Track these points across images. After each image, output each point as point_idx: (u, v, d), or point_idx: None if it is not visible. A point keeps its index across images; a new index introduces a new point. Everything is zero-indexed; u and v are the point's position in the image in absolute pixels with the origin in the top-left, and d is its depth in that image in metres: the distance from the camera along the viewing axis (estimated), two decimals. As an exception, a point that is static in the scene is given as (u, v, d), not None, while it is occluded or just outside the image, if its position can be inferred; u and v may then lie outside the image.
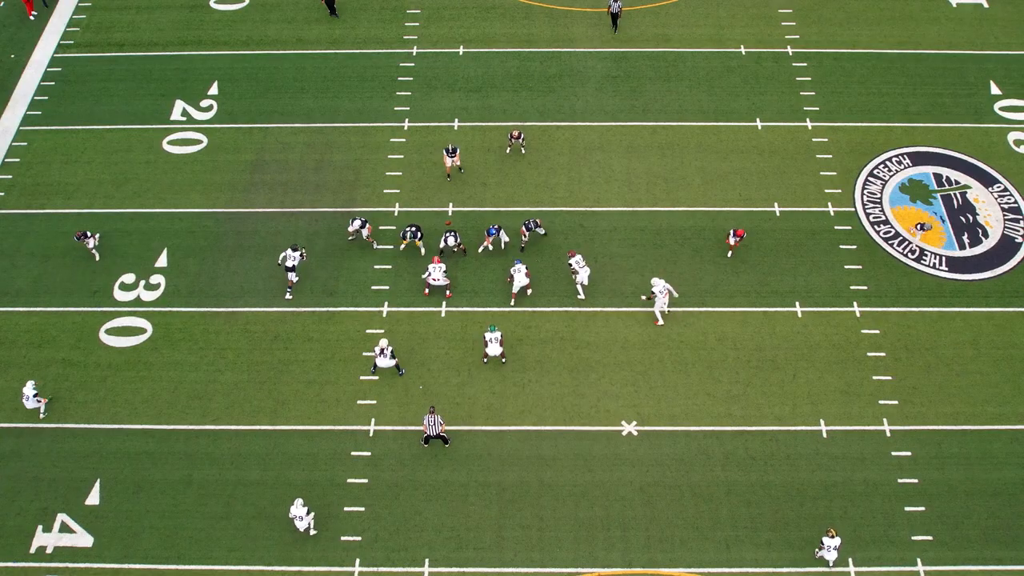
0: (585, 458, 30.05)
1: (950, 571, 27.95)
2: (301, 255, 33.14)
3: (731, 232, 33.97)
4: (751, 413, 30.93)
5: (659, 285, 32.12)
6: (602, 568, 28.00)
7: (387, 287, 34.00)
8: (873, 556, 28.19)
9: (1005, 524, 28.82)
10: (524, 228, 34.16)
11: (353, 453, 30.24)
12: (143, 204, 36.74)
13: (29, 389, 30.56)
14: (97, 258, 34.56)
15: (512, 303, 33.17)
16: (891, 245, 34.99)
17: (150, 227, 36.01)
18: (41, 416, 30.81)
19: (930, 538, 28.56)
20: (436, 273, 32.78)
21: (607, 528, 28.69)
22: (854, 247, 34.94)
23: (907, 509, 29.07)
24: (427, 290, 33.49)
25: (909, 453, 30.15)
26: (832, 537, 27.14)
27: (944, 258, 34.68)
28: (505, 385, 31.60)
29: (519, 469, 29.84)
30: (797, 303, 33.49)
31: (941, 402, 31.20)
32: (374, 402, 31.26)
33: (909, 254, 34.73)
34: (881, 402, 31.18)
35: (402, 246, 34.75)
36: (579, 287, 33.07)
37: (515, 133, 36.84)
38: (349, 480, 29.70)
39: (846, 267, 34.38)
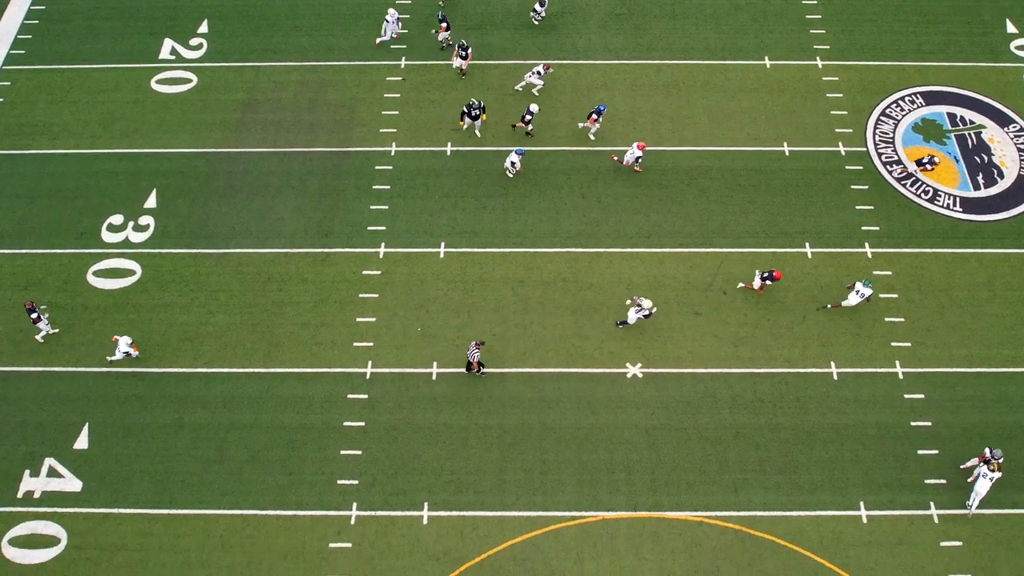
0: (589, 400, 29.16)
1: (961, 515, 27.20)
2: None
3: (759, 274, 30.63)
4: (759, 355, 30.01)
5: (640, 309, 29.84)
6: (606, 512, 27.21)
7: (384, 228, 32.89)
8: (885, 500, 27.41)
9: (1020, 467, 28.02)
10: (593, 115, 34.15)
11: (349, 396, 29.33)
12: (131, 144, 35.48)
13: (124, 344, 29.12)
14: (45, 332, 30.47)
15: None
16: (904, 185, 33.90)
17: (138, 168, 34.80)
18: (112, 358, 29.66)
19: (943, 481, 27.77)
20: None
21: (611, 471, 27.86)
22: (865, 187, 33.86)
23: (920, 452, 28.27)
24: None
25: (922, 396, 29.29)
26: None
27: (958, 198, 33.61)
28: (506, 327, 30.62)
29: (521, 412, 28.95)
30: (807, 244, 32.45)
31: (955, 344, 30.28)
32: (371, 344, 30.30)
33: (922, 194, 33.66)
34: (893, 344, 30.27)
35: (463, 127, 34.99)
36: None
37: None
38: (345, 423, 28.81)
39: (857, 207, 33.31)
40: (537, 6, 38.00)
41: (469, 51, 36.11)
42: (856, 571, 26.25)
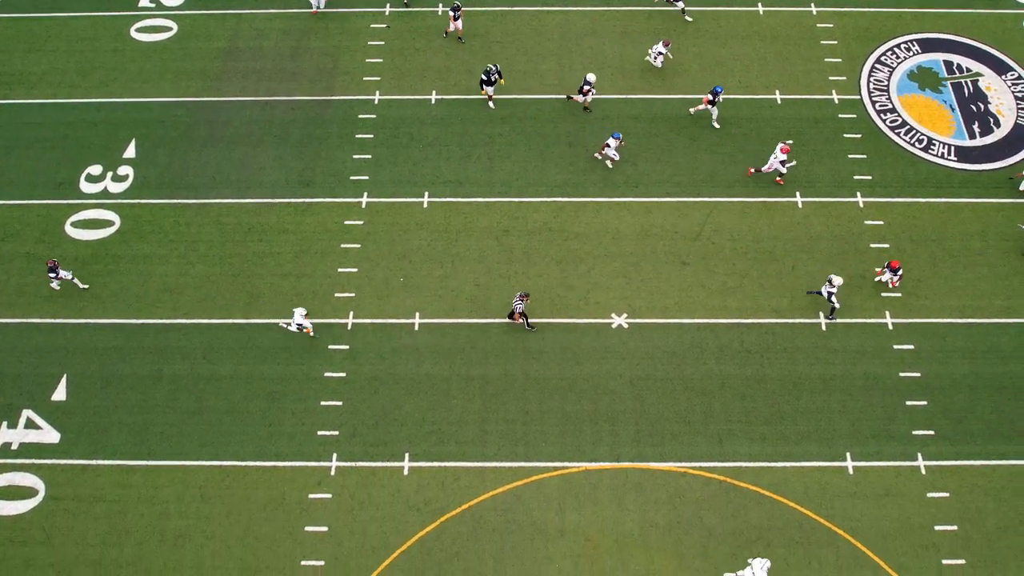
0: (573, 351, 28.73)
1: (951, 466, 26.85)
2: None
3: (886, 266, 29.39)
4: (747, 305, 29.52)
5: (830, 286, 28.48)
6: (589, 462, 26.88)
7: (366, 177, 32.28)
8: (872, 451, 27.05)
9: (1009, 418, 27.63)
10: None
11: (330, 346, 28.90)
12: (110, 93, 34.79)
13: (299, 315, 28.22)
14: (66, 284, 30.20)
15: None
16: (898, 134, 33.19)
17: (117, 117, 34.13)
18: (287, 328, 28.70)
19: (931, 433, 27.40)
20: None
21: (595, 422, 27.50)
22: (859, 136, 33.16)
23: (908, 403, 27.85)
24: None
25: (912, 346, 28.83)
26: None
27: (953, 147, 32.91)
28: (490, 277, 30.11)
29: (504, 362, 28.54)
30: (798, 193, 31.83)
31: (946, 294, 29.77)
32: (352, 294, 29.82)
33: (916, 143, 32.96)
34: (884, 294, 29.74)
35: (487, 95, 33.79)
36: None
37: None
38: (326, 374, 28.41)
39: (850, 156, 32.64)
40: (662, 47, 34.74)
41: (461, 11, 34.97)
42: (841, 522, 25.96)
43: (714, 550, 25.56)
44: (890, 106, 33.83)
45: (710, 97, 32.26)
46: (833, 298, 28.49)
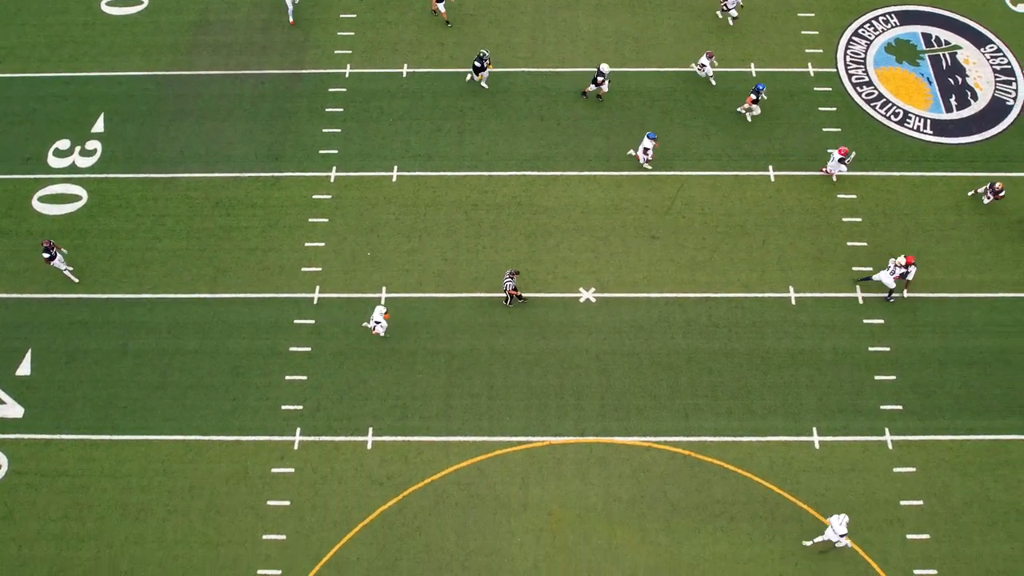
0: (540, 325, 28.52)
1: (918, 441, 26.67)
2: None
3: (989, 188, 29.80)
4: (716, 280, 29.26)
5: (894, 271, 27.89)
6: (553, 437, 26.72)
7: (336, 151, 31.98)
8: (839, 426, 26.86)
9: (978, 393, 27.42)
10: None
11: (296, 321, 28.71)
12: (80, 68, 34.44)
13: (378, 314, 27.53)
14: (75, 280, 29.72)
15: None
16: (873, 107, 32.80)
17: (87, 91, 33.81)
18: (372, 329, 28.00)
19: (899, 407, 27.19)
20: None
21: (560, 396, 27.32)
22: (834, 109, 32.78)
23: (877, 378, 27.64)
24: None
25: (882, 320, 28.58)
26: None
27: (929, 121, 32.53)
28: (458, 252, 29.86)
29: (470, 337, 28.34)
30: (770, 167, 31.50)
31: (919, 269, 29.45)
32: (319, 269, 29.59)
33: (892, 116, 32.58)
34: (855, 268, 29.46)
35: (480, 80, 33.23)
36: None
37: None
38: (291, 348, 28.23)
39: (824, 130, 32.27)
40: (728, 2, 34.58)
41: None
42: (806, 497, 25.80)
43: (677, 524, 25.42)
44: (866, 79, 33.42)
45: (754, 97, 31.54)
46: (907, 275, 27.90)
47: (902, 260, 27.83)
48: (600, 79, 31.93)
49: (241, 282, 29.45)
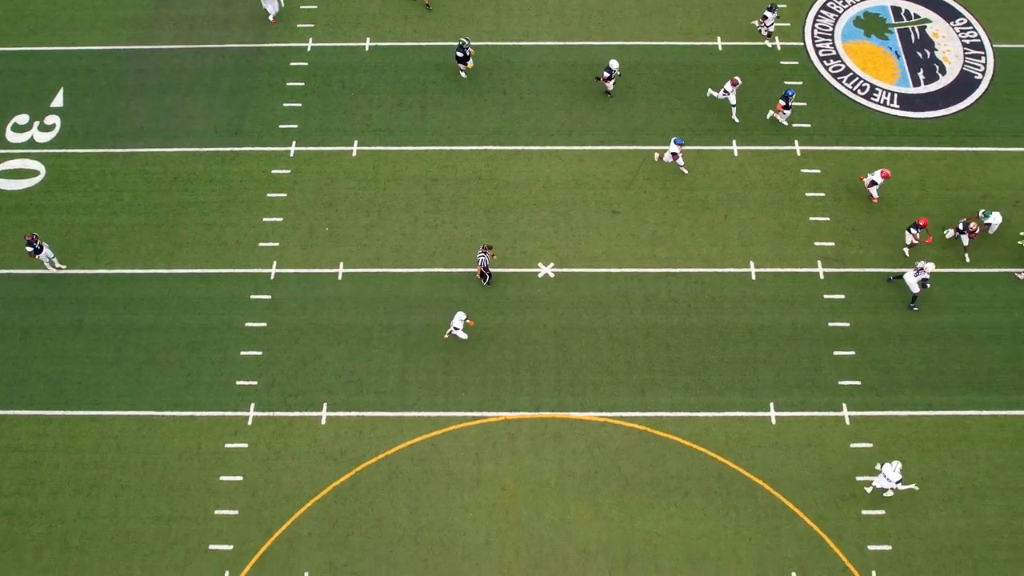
0: (497, 301, 28.30)
1: (876, 416, 26.50)
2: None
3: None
4: (676, 255, 29.02)
5: (920, 273, 27.24)
6: (508, 412, 26.55)
7: (296, 125, 31.67)
8: (796, 401, 26.69)
9: (938, 369, 27.23)
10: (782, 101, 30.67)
11: (252, 296, 28.49)
12: (39, 42, 34.07)
13: (458, 320, 26.82)
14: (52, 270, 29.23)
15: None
16: (840, 81, 32.47)
17: (47, 66, 33.47)
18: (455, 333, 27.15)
19: (858, 383, 27.01)
20: None
21: (516, 372, 27.14)
22: (800, 83, 32.44)
23: (836, 353, 27.45)
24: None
25: (843, 296, 28.36)
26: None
27: (896, 95, 32.21)
28: (416, 227, 29.61)
29: (426, 312, 28.13)
30: (734, 141, 31.20)
31: (881, 244, 29.24)
32: (277, 244, 29.35)
33: (859, 91, 32.26)
34: (817, 243, 29.24)
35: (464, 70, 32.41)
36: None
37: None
38: (247, 324, 28.03)
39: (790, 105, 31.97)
40: (768, 13, 32.74)
41: None
42: (761, 472, 25.65)
43: (631, 499, 25.30)
44: (834, 53, 33.07)
45: (783, 103, 30.67)
46: (927, 283, 27.46)
47: (931, 267, 27.33)
48: (606, 74, 31.19)
49: (198, 257, 29.21)
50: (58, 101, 32.55)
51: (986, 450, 26.03)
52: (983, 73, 32.69)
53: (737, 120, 31.27)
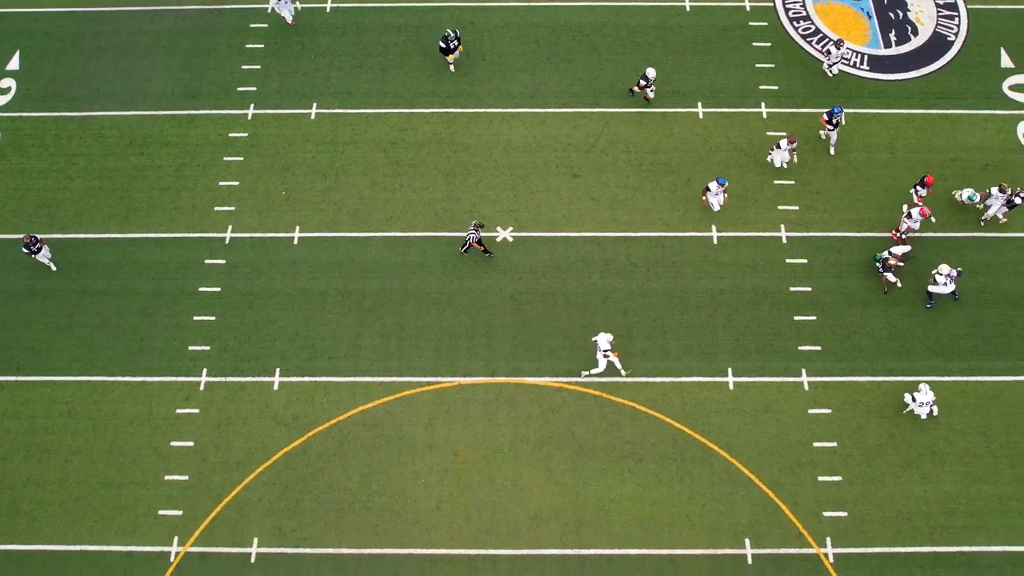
0: (454, 265, 27.91)
1: (835, 382, 26.15)
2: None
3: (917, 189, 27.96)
4: (637, 219, 28.57)
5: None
6: (463, 377, 26.24)
7: (254, 88, 31.12)
8: (755, 366, 26.34)
9: (900, 334, 26.84)
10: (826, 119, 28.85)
11: (207, 261, 28.12)
12: (-3, 3, 33.61)
13: (603, 341, 25.27)
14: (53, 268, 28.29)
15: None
16: (810, 43, 31.83)
17: (2, 28, 32.83)
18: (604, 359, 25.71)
19: (818, 348, 26.64)
20: None
21: (471, 336, 26.80)
22: (768, 45, 31.80)
23: (797, 318, 27.07)
24: None
25: (805, 260, 27.92)
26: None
27: (866, 56, 31.56)
28: (375, 190, 29.17)
29: (383, 276, 27.75)
30: (699, 104, 30.63)
31: (846, 207, 28.75)
32: (232, 208, 28.94)
33: (828, 53, 31.60)
34: (780, 207, 28.77)
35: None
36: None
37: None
38: (201, 288, 27.68)
39: (757, 66, 31.33)
40: (833, 48, 30.49)
41: None
42: (717, 438, 25.35)
43: (584, 465, 25.03)
44: (804, 13, 32.40)
45: (826, 118, 28.86)
46: (949, 285, 26.51)
47: (953, 272, 26.35)
48: (643, 83, 29.68)
49: (153, 222, 28.82)
50: (14, 64, 32.01)
51: (946, 416, 25.69)
52: (956, 34, 32.01)
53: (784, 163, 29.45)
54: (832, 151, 29.53)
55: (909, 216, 27.21)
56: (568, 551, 24.03)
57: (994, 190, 27.56)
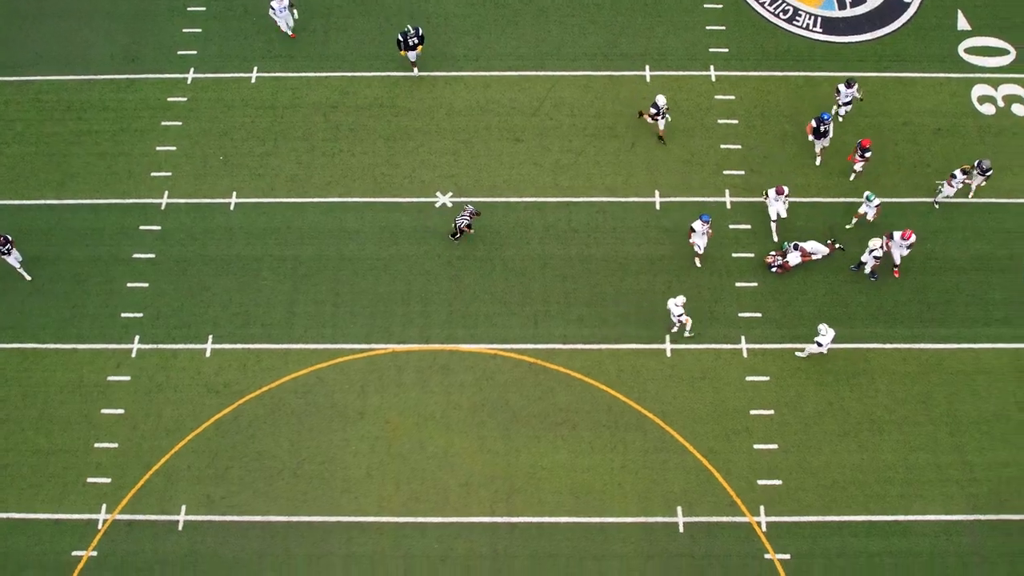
0: (392, 231, 27.49)
1: (775, 349, 25.77)
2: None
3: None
4: (579, 184, 28.09)
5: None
6: (397, 344, 25.90)
7: (195, 52, 30.58)
8: (694, 333, 25.98)
9: (842, 301, 26.43)
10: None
11: (142, 227, 27.73)
12: (-64, -35, 32.97)
13: (675, 306, 24.87)
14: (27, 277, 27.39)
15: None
16: (761, 4, 31.15)
17: (-59, -8, 32.41)
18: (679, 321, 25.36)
19: (759, 315, 26.24)
20: None
21: (407, 303, 26.43)
22: (719, 6, 31.14)
23: (738, 284, 26.65)
24: None
25: (748, 226, 27.47)
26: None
27: (819, 18, 30.90)
28: (313, 155, 28.70)
29: (318, 243, 27.34)
30: (647, 66, 30.04)
31: (793, 173, 28.24)
32: (169, 174, 28.50)
33: (781, 14, 30.97)
34: (726, 172, 28.27)
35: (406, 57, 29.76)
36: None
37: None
38: (135, 255, 27.30)
39: (708, 28, 30.70)
40: (843, 87, 28.21)
41: None
42: (652, 405, 25.01)
43: (516, 432, 24.72)
44: (758, -25, 31.73)
45: (814, 124, 27.61)
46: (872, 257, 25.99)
47: (879, 250, 25.89)
48: (653, 110, 27.79)
49: (88, 187, 28.39)
50: (-48, 28, 31.54)
51: (887, 384, 25.34)
52: (913, -5, 31.36)
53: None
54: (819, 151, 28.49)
55: (869, 201, 26.45)
56: (498, 519, 23.78)
57: (957, 172, 26.81)
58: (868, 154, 27.09)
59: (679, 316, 25.04)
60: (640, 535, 23.58)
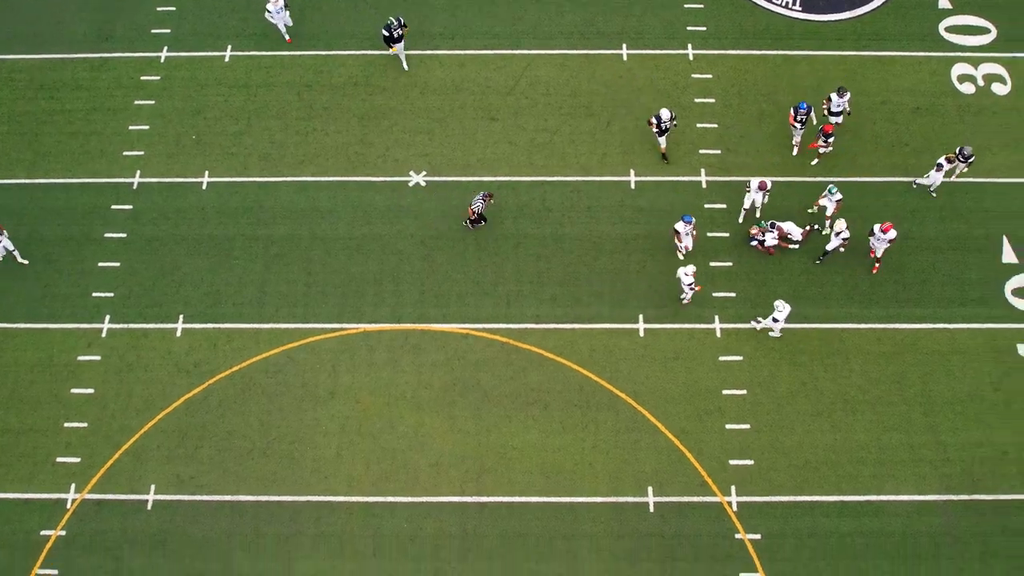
0: (365, 210, 27.31)
1: (749, 329, 25.63)
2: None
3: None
4: (554, 163, 27.88)
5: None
6: (368, 324, 25.76)
7: (168, 30, 30.31)
8: (667, 313, 25.79)
9: (818, 281, 26.26)
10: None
11: (114, 207, 27.55)
12: (-90, -57, 32.67)
13: (686, 275, 24.66)
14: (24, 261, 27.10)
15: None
16: (742, -18, 30.94)
17: (-86, -31, 32.13)
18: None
19: (733, 295, 26.09)
20: None
21: (379, 283, 26.27)
22: (699, -13, 30.94)
23: (712, 264, 26.43)
24: None
25: (724, 205, 27.28)
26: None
27: (799, -4, 30.70)
28: (287, 134, 28.49)
29: (291, 222, 27.17)
30: (624, 45, 29.78)
31: (769, 152, 28.03)
32: (141, 153, 28.30)
33: (760, -8, 30.74)
34: (702, 151, 28.05)
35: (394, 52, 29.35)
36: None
37: None
38: (106, 234, 27.14)
39: (686, 6, 30.39)
40: (834, 96, 27.46)
41: None
42: (624, 385, 24.90)
43: (487, 412, 24.62)
44: (738, -48, 31.40)
45: (792, 114, 27.07)
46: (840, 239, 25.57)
47: (842, 224, 25.42)
48: (652, 120, 26.61)
49: (60, 167, 28.19)
50: (-75, 6, 31.27)
51: (861, 364, 25.22)
52: (894, -27, 31.03)
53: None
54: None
55: (830, 193, 26.07)
56: (468, 498, 23.71)
57: (942, 160, 26.53)
58: (831, 139, 26.86)
59: (690, 284, 24.92)
60: (610, 515, 23.50)
